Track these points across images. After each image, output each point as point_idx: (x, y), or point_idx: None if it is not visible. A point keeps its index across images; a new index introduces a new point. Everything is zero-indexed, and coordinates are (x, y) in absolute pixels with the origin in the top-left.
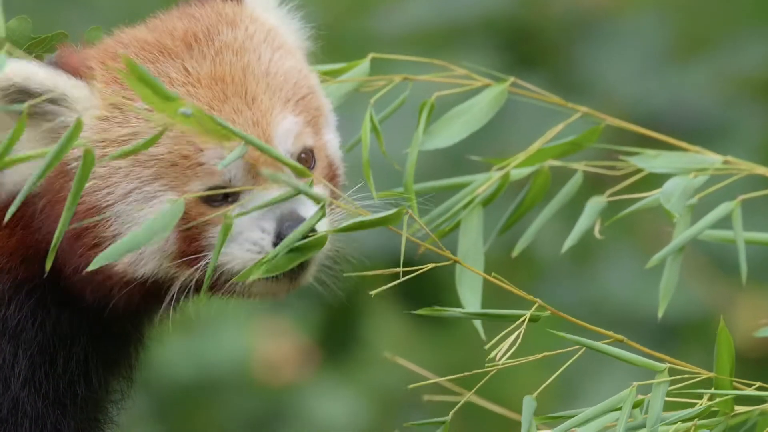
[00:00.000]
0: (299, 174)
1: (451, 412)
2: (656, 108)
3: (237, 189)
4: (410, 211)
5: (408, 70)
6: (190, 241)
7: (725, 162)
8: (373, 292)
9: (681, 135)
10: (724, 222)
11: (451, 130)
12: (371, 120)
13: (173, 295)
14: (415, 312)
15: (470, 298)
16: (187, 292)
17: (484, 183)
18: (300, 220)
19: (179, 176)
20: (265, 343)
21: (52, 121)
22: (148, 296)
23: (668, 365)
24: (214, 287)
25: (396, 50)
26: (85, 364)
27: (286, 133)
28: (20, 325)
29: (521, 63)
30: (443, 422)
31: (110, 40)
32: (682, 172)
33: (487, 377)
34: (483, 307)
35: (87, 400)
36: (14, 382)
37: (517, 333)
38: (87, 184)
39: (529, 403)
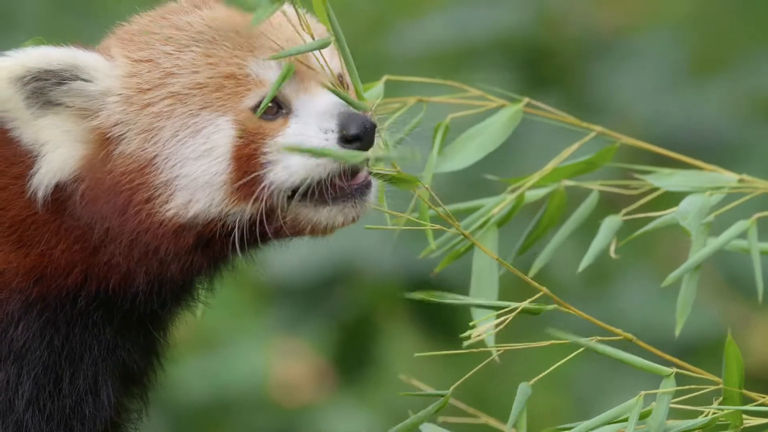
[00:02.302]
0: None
1: (452, 387)
2: (671, 128)
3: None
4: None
5: (423, 91)
6: (248, 160)
7: (741, 180)
8: None
9: (696, 155)
10: (740, 240)
11: (467, 152)
12: (385, 142)
13: (231, 244)
14: (408, 296)
15: (483, 316)
16: (246, 238)
17: (499, 203)
18: (361, 116)
19: (230, 97)
20: (281, 363)
21: (77, 97)
22: (202, 250)
23: (675, 370)
24: (272, 220)
25: (411, 71)
26: (94, 382)
27: (327, 54)
28: (26, 345)
29: (536, 83)
30: (443, 395)
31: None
32: (697, 190)
33: (480, 366)
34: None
35: (96, 419)
36: (18, 403)
37: (503, 319)
38: (135, 142)
39: (523, 389)
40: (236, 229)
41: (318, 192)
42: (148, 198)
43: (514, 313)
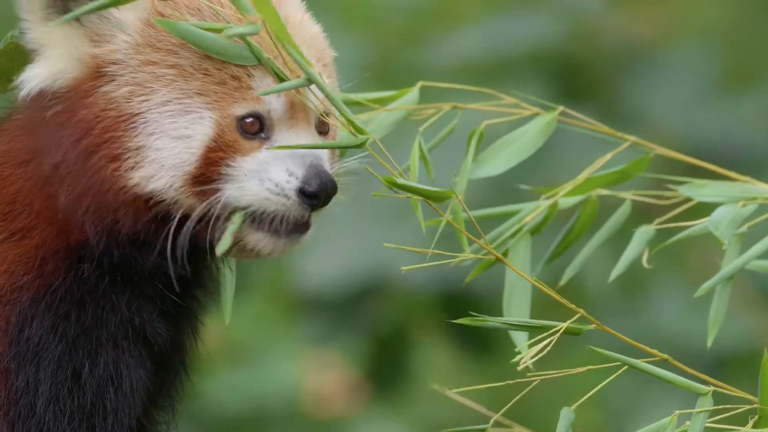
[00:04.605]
0: (355, 129)
1: (492, 421)
2: (705, 140)
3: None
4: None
5: (457, 99)
6: (211, 165)
7: None
8: None
9: (730, 167)
10: None
11: (500, 159)
12: (420, 148)
13: (173, 228)
14: (453, 321)
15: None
16: (188, 231)
17: (532, 211)
18: (326, 176)
19: (225, 97)
20: (314, 375)
21: (97, 19)
22: (158, 223)
23: (712, 388)
24: (213, 228)
25: (445, 82)
26: (115, 368)
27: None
28: (41, 342)
29: (570, 95)
30: (483, 429)
31: None
32: (730, 200)
33: (522, 393)
34: (530, 334)
35: (118, 412)
36: (39, 404)
37: (547, 341)
38: (123, 90)
39: (566, 414)
40: (180, 218)
41: (259, 217)
42: (116, 157)
43: (556, 335)
